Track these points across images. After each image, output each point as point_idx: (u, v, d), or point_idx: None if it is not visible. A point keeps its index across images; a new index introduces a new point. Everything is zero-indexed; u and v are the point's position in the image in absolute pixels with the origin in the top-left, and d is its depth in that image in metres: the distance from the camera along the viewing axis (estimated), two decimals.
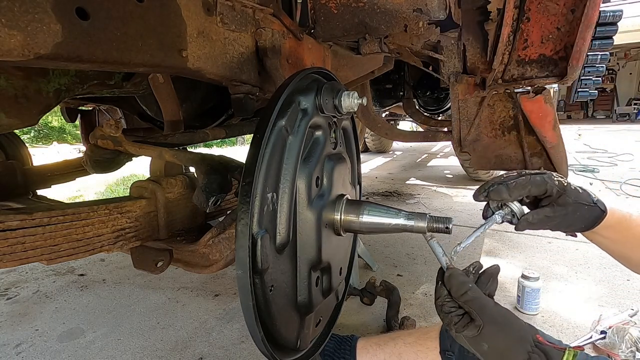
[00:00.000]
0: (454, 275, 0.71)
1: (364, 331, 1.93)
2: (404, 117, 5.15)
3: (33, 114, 1.05)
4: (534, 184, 0.78)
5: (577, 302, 2.12)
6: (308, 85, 0.80)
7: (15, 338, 1.98)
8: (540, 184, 0.78)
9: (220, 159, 1.02)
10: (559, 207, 0.78)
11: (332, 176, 0.84)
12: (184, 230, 1.10)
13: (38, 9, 0.58)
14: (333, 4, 1.23)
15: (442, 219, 0.80)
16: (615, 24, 1.40)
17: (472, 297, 0.67)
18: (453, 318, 0.69)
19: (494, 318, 0.66)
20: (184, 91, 1.44)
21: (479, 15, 1.25)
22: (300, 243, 0.77)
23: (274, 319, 0.72)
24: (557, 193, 0.79)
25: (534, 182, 0.78)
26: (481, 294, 0.68)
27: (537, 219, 0.79)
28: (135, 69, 0.81)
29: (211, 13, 0.92)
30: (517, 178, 0.80)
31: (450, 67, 1.41)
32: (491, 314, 0.66)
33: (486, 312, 0.66)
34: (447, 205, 4.20)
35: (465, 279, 0.70)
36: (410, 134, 2.30)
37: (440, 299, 0.72)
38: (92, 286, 2.55)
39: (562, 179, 0.81)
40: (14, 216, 0.72)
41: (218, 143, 11.50)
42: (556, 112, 1.32)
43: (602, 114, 15.52)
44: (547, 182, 0.79)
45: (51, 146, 10.46)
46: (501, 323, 0.66)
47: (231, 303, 2.26)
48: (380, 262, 2.72)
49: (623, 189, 4.50)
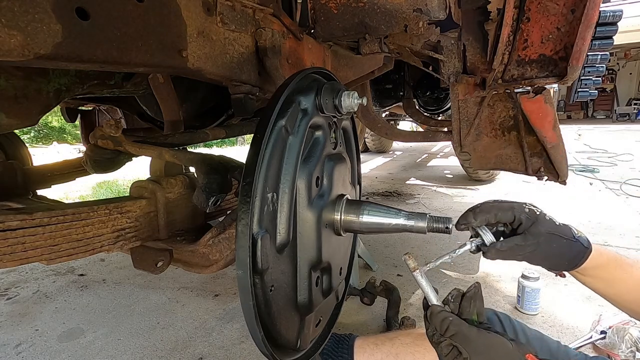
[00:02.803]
0: (434, 314, 0.71)
1: (364, 331, 1.93)
2: (404, 117, 5.15)
3: (33, 114, 1.05)
4: (500, 209, 0.78)
5: (577, 302, 2.12)
6: (308, 85, 0.80)
7: (15, 338, 1.98)
8: (506, 209, 0.78)
9: (220, 159, 1.02)
10: (531, 236, 0.76)
11: (332, 176, 0.84)
12: (184, 230, 1.10)
13: (38, 9, 0.58)
14: (333, 4, 1.23)
15: (442, 219, 0.79)
16: (615, 24, 1.40)
17: (454, 331, 0.68)
18: (443, 349, 0.70)
19: (479, 349, 0.67)
20: (184, 91, 1.44)
21: (479, 15, 1.25)
22: (301, 243, 0.77)
23: (274, 319, 0.72)
24: (528, 221, 0.77)
25: (500, 207, 0.78)
26: (462, 325, 0.68)
27: (506, 246, 0.76)
28: (135, 69, 0.81)
29: (211, 13, 0.91)
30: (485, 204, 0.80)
31: (450, 67, 1.41)
32: (475, 346, 0.66)
33: (471, 344, 0.67)
34: (447, 205, 4.20)
35: (445, 315, 0.70)
36: (410, 134, 2.30)
37: (430, 331, 0.73)
38: (92, 286, 2.55)
39: (534, 208, 0.80)
40: (14, 216, 0.72)
41: (218, 143, 11.51)
42: (556, 112, 1.32)
43: (602, 114, 15.52)
44: (514, 208, 0.78)
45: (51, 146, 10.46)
46: (486, 352, 0.66)
47: (231, 303, 2.26)
48: (380, 262, 2.72)
49: (623, 189, 4.50)
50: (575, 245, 0.78)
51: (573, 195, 4.36)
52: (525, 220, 0.77)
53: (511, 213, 0.78)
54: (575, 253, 0.79)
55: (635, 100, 14.45)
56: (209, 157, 1.01)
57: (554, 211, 0.82)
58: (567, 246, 0.78)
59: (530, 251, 0.77)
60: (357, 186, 1.14)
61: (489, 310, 1.16)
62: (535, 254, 0.78)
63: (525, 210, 0.78)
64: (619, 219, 3.51)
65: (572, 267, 0.81)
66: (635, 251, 2.81)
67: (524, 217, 0.77)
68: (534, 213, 0.78)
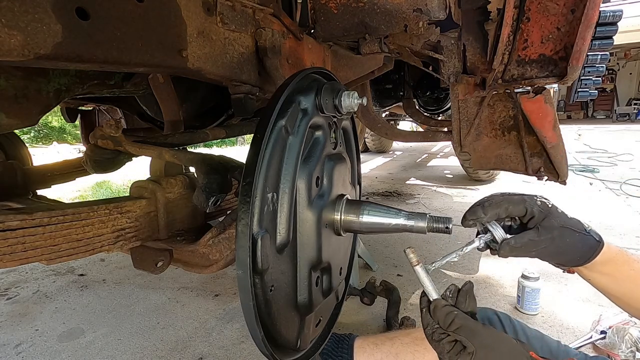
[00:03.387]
0: (439, 307, 0.69)
1: (364, 331, 1.93)
2: (404, 117, 5.15)
3: (33, 114, 1.05)
4: (511, 202, 0.74)
5: (577, 302, 2.12)
6: (308, 85, 0.80)
7: (15, 338, 1.98)
8: (517, 202, 0.74)
9: (220, 159, 1.02)
10: (544, 230, 0.72)
11: (332, 176, 0.84)
12: (184, 230, 1.10)
13: (38, 9, 0.58)
14: (333, 4, 1.23)
15: (442, 219, 0.79)
16: (615, 24, 1.40)
17: (459, 324, 0.66)
18: (445, 346, 0.67)
19: (485, 342, 0.65)
20: (184, 91, 1.44)
21: (479, 15, 1.25)
22: (301, 243, 0.77)
23: (274, 319, 0.72)
24: (541, 214, 0.73)
25: (511, 200, 0.74)
26: (468, 319, 0.67)
27: (520, 242, 0.72)
28: (135, 69, 0.81)
29: (211, 13, 0.91)
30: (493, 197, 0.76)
31: (450, 67, 1.41)
32: (482, 339, 0.65)
33: (477, 338, 0.65)
34: (447, 205, 4.20)
35: (450, 308, 0.68)
36: (410, 134, 2.30)
37: (429, 328, 0.70)
38: (92, 286, 2.55)
39: (545, 200, 0.76)
40: (14, 216, 0.72)
41: (218, 143, 11.50)
42: (556, 112, 1.32)
43: (602, 114, 15.52)
44: (526, 201, 0.74)
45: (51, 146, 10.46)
46: (493, 346, 0.65)
47: (231, 303, 2.26)
48: (380, 262, 2.72)
49: (623, 189, 4.50)
50: (587, 239, 0.75)
51: (573, 195, 4.36)
52: (538, 214, 0.73)
53: (523, 206, 0.73)
54: (588, 247, 0.75)
55: (635, 100, 14.45)
56: (209, 157, 1.01)
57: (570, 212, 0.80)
58: (580, 240, 0.74)
59: (545, 246, 0.73)
60: (357, 186, 1.14)
61: (489, 310, 1.16)
62: (550, 249, 0.73)
63: (538, 203, 0.74)
64: (619, 219, 3.51)
65: (583, 262, 0.76)
66: (635, 251, 2.81)
67: (537, 210, 0.73)
68: (546, 206, 0.74)
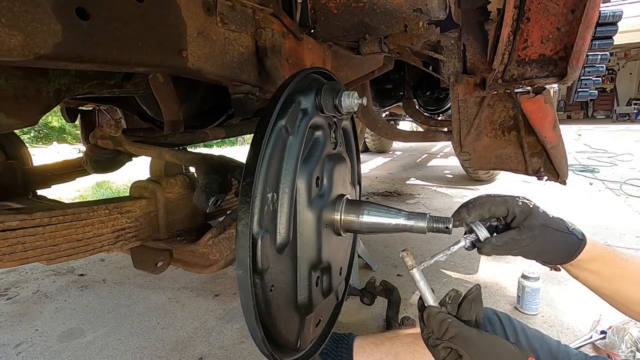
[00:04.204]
0: (432, 315, 0.69)
1: (364, 331, 1.93)
2: (404, 117, 5.15)
3: (33, 114, 1.05)
4: (494, 204, 0.77)
5: (577, 302, 2.12)
6: (308, 85, 0.80)
7: (15, 338, 1.98)
8: (499, 203, 0.77)
9: (220, 159, 1.02)
10: (525, 229, 0.75)
11: (332, 176, 0.84)
12: (184, 230, 1.10)
13: (38, 9, 0.58)
14: (333, 4, 1.23)
15: (442, 219, 0.79)
16: (615, 24, 1.40)
17: (454, 333, 0.65)
18: (440, 352, 0.67)
19: (481, 350, 0.64)
20: (184, 91, 1.44)
21: (479, 15, 1.25)
22: (301, 243, 0.77)
23: (274, 319, 0.72)
24: (522, 214, 0.76)
25: (494, 201, 0.77)
26: (463, 327, 0.66)
27: (501, 241, 0.76)
28: (135, 69, 0.81)
29: (211, 13, 0.91)
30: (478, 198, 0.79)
31: (450, 67, 1.41)
32: (477, 347, 0.64)
33: (472, 346, 0.64)
34: (447, 205, 4.20)
35: (443, 317, 0.68)
36: (410, 134, 2.30)
37: (425, 333, 0.71)
38: (92, 286, 2.55)
39: (527, 201, 0.79)
40: (14, 216, 0.72)
41: (218, 143, 11.50)
42: (556, 112, 1.32)
43: (602, 114, 15.52)
44: (508, 202, 0.77)
45: (51, 146, 10.45)
46: (489, 353, 0.64)
47: (231, 303, 2.26)
48: (380, 262, 2.72)
49: (623, 189, 4.50)
50: (569, 237, 0.78)
51: (573, 195, 4.36)
52: (519, 214, 0.76)
53: (504, 207, 0.77)
54: (569, 245, 0.78)
55: (635, 100, 14.45)
56: (209, 157, 1.01)
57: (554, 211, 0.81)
58: (562, 238, 0.77)
59: (526, 245, 0.76)
60: (357, 186, 1.14)
61: (489, 310, 1.16)
62: (531, 247, 0.77)
63: (519, 204, 0.77)
64: (619, 219, 3.51)
65: (567, 260, 0.80)
66: (635, 251, 2.81)
67: (518, 211, 0.76)
68: (527, 206, 0.77)
